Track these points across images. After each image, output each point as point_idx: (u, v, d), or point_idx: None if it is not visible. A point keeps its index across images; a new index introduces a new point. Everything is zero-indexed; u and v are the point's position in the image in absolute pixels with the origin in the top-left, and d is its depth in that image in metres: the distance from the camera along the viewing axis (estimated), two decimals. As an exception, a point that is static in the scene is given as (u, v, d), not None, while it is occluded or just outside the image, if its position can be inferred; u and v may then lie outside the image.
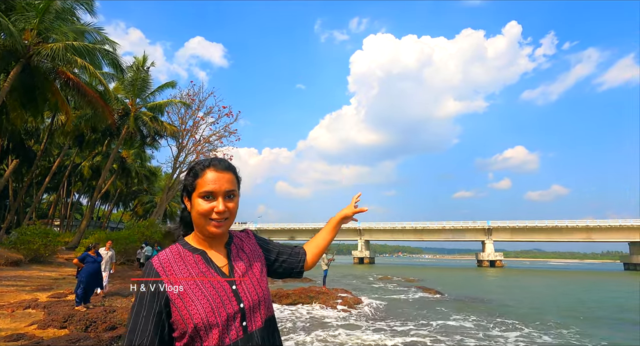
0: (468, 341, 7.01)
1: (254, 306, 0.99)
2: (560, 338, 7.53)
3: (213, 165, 1.02)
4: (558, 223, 52.12)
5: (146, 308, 0.91)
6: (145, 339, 0.89)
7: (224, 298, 0.95)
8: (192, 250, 1.02)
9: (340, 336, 7.04)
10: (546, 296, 16.48)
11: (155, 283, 0.93)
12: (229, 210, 1.00)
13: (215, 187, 0.98)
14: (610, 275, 39.47)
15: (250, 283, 1.02)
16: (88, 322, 6.01)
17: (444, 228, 57.60)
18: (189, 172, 1.04)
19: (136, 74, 19.67)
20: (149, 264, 0.97)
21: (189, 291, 0.93)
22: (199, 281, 0.96)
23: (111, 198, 37.92)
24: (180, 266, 0.97)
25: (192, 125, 23.30)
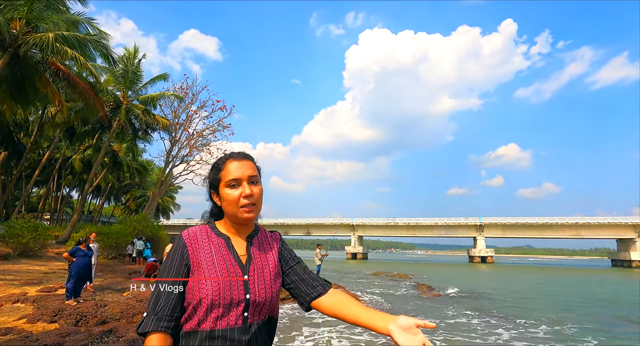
0: (462, 337, 7.08)
1: (259, 302, 1.01)
2: (553, 333, 7.65)
3: (232, 156, 1.11)
4: (548, 220, 52.86)
5: (172, 274, 1.00)
6: (171, 301, 0.97)
7: (233, 283, 0.99)
8: (218, 234, 1.09)
9: (331, 333, 7.07)
10: (536, 291, 16.73)
11: (182, 251, 1.02)
12: (255, 194, 1.06)
13: (238, 173, 1.06)
14: (598, 272, 40.24)
15: (262, 281, 1.04)
16: (78, 316, 5.93)
17: (436, 225, 58.07)
18: (211, 169, 1.12)
19: (127, 65, 19.35)
20: (179, 236, 1.06)
21: (204, 266, 1.00)
22: (216, 261, 1.02)
23: (102, 192, 37.49)
24: (205, 243, 1.05)
25: (185, 118, 23.09)
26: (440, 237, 61.74)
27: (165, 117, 22.20)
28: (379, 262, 48.98)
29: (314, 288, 1.08)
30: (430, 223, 58.09)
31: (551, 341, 6.86)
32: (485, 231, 55.45)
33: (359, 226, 61.10)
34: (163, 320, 0.95)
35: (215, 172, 1.10)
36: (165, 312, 0.96)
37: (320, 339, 6.43)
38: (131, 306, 6.99)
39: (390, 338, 0.89)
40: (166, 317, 0.95)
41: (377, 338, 6.51)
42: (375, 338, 6.48)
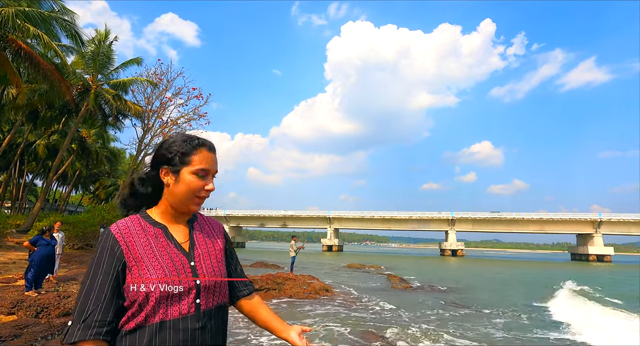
0: (433, 327, 7.32)
1: (209, 286, 0.99)
2: (513, 322, 8.06)
3: (205, 144, 1.03)
4: (515, 216, 55.31)
5: (102, 274, 0.89)
6: (101, 305, 0.87)
7: (180, 271, 0.95)
8: (153, 224, 1.01)
9: (304, 324, 7.13)
10: (501, 282, 17.52)
11: (112, 248, 0.92)
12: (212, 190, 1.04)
13: (210, 166, 1.01)
14: (558, 264, 42.63)
15: (209, 265, 1.02)
16: (39, 308, 5.69)
17: (410, 218, 59.47)
18: (176, 145, 1.01)
19: (97, 48, 18.41)
20: (107, 231, 0.95)
21: (145, 260, 0.93)
22: (157, 252, 0.95)
23: (69, 180, 35.79)
24: (140, 236, 0.96)
25: (159, 106, 22.34)
26: (413, 230, 63.33)
27: (138, 104, 21.37)
28: (354, 254, 49.74)
29: (246, 287, 1.18)
30: (405, 216, 59.44)
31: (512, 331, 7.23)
32: (457, 225, 57.37)
33: (335, 219, 61.66)
34: (92, 326, 0.85)
35: (184, 152, 0.99)
36: (95, 317, 0.86)
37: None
38: (97, 297, 6.78)
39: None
40: (96, 323, 0.85)
41: (353, 326, 6.63)
42: (354, 326, 6.61)
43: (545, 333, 7.05)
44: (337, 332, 6.32)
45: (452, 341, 6.05)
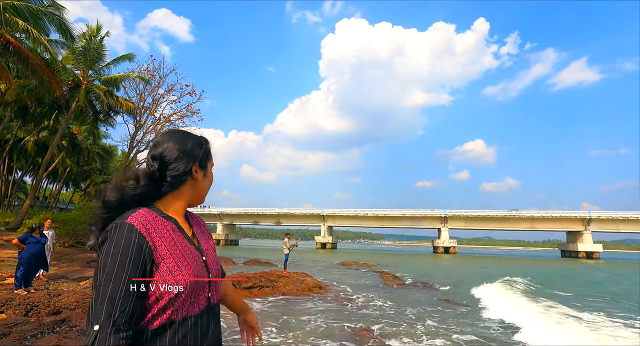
0: (424, 325, 7.39)
1: (216, 277, 1.03)
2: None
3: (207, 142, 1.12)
4: (507, 213, 55.96)
5: (129, 273, 0.82)
6: (128, 307, 0.81)
7: (200, 266, 0.96)
8: (167, 218, 0.97)
9: (296, 322, 7.15)
10: (487, 277, 17.71)
11: (140, 245, 0.85)
12: None
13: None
14: (549, 261, 43.26)
15: (212, 257, 1.05)
16: (29, 306, 5.62)
17: (403, 216, 59.83)
18: (202, 143, 1.07)
19: (88, 43, 18.13)
20: (125, 225, 0.86)
21: (173, 256, 0.90)
22: (180, 248, 0.94)
23: (60, 177, 35.30)
24: (161, 229, 0.92)
25: (152, 102, 22.13)
26: (407, 227, 63.77)
27: (130, 100, 21.13)
28: (348, 252, 49.91)
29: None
30: (398, 214, 59.78)
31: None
32: (449, 223, 57.88)
33: (329, 216, 61.78)
34: (122, 330, 0.79)
35: (208, 149, 1.09)
36: (124, 319, 0.80)
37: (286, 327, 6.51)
38: (88, 295, 6.72)
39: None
40: (125, 326, 0.80)
41: (350, 322, 6.67)
42: (351, 322, 6.64)
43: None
44: (329, 329, 6.35)
45: (446, 336, 6.12)
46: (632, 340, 6.37)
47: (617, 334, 6.70)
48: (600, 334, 6.62)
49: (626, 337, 6.51)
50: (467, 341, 6.00)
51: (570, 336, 6.29)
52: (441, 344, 5.75)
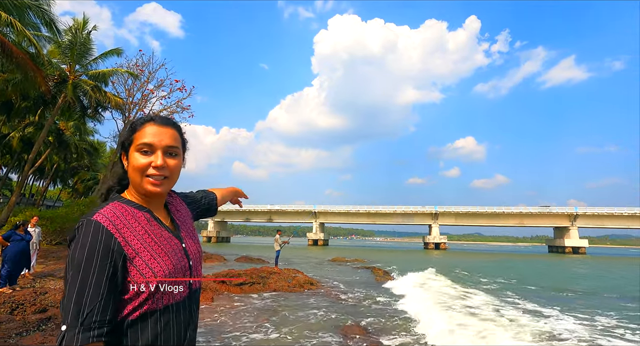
0: (414, 321, 7.48)
1: (196, 264, 1.01)
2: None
3: (154, 119, 0.97)
4: (496, 210, 56.79)
5: (96, 272, 0.79)
6: (99, 304, 0.78)
7: (179, 255, 0.95)
8: (139, 208, 0.94)
9: (290, 317, 7.17)
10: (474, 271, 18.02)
11: (106, 241, 0.82)
12: (169, 167, 0.95)
13: (154, 139, 0.93)
14: (536, 256, 44.08)
15: (191, 241, 1.03)
16: (14, 305, 5.54)
17: (395, 213, 60.27)
18: (128, 127, 0.99)
19: (75, 37, 17.75)
20: (92, 223, 0.84)
21: (148, 248, 0.88)
22: (156, 239, 0.92)
23: (47, 174, 34.67)
24: (132, 223, 0.89)
25: (141, 98, 21.80)
26: (398, 224, 64.25)
27: (118, 95, 20.79)
28: (339, 248, 50.12)
29: (209, 195, 1.34)
30: (389, 211, 60.19)
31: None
32: (440, 219, 58.48)
33: (321, 213, 61.90)
34: (92, 328, 0.77)
35: (130, 131, 0.97)
36: (94, 318, 0.77)
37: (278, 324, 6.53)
38: (75, 293, 6.65)
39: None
40: (96, 324, 0.77)
41: (343, 318, 6.71)
42: (343, 319, 6.69)
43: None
44: (320, 324, 6.39)
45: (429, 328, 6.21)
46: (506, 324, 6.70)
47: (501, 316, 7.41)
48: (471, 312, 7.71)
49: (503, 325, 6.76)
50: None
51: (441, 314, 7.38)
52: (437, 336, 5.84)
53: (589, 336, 6.35)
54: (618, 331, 6.82)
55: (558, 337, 6.12)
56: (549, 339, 5.97)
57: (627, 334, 6.67)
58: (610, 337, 6.34)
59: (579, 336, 6.29)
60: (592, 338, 6.20)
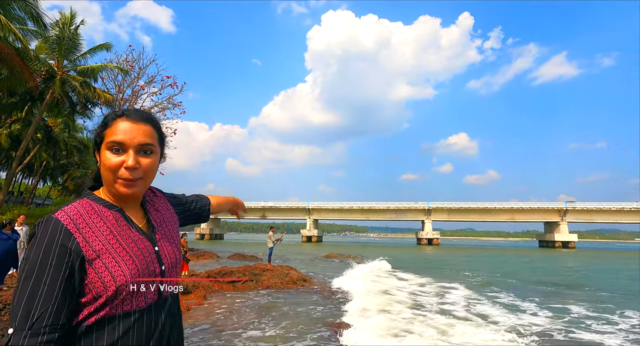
0: (401, 309, 7.53)
1: (171, 268, 0.95)
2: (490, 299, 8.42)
3: (126, 114, 0.89)
4: (488, 205, 57.41)
5: (51, 272, 0.75)
6: (50, 307, 0.73)
7: (147, 259, 0.88)
8: (109, 206, 0.89)
9: (289, 314, 7.17)
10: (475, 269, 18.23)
11: (63, 241, 0.78)
12: (143, 167, 0.87)
13: (125, 137, 0.86)
14: (526, 251, 44.72)
15: (168, 244, 0.97)
16: (1, 305, 5.45)
17: (388, 209, 60.60)
18: (101, 121, 0.92)
19: (62, 32, 17.39)
20: (51, 220, 0.79)
21: (110, 250, 0.82)
22: (122, 240, 0.85)
23: (36, 171, 34.09)
24: (96, 222, 0.84)
25: (131, 94, 21.49)
26: (391, 220, 64.63)
27: (108, 91, 20.46)
28: (333, 245, 50.28)
29: (202, 200, 1.27)
30: (383, 207, 60.51)
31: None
32: (433, 215, 58.96)
33: (314, 210, 61.96)
34: (42, 333, 0.72)
35: (101, 126, 0.90)
36: (45, 322, 0.72)
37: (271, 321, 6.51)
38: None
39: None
40: (46, 329, 0.72)
41: (334, 313, 6.73)
42: (335, 314, 6.70)
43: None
44: (311, 321, 6.40)
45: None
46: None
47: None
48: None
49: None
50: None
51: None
52: (423, 330, 5.88)
53: (539, 328, 6.47)
54: (587, 322, 7.06)
55: (517, 329, 6.28)
56: (511, 331, 6.11)
57: (593, 324, 6.91)
58: (575, 329, 6.54)
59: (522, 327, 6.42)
60: (544, 331, 6.33)
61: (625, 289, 12.07)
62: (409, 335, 5.65)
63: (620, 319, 7.41)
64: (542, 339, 5.79)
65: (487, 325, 6.50)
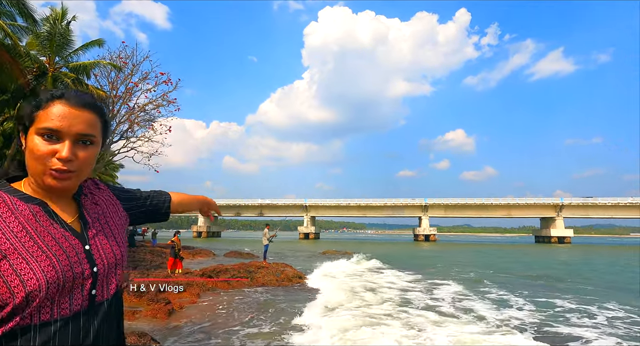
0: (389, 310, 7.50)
1: (109, 270, 0.81)
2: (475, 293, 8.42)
3: (66, 97, 0.76)
4: (484, 201, 57.61)
5: None
6: None
7: (73, 259, 0.74)
8: (26, 199, 0.75)
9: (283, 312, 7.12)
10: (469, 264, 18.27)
11: None
12: (79, 160, 0.75)
13: (62, 124, 0.73)
14: (523, 246, 44.95)
15: (106, 242, 0.83)
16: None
17: (385, 205, 60.69)
18: (33, 101, 0.78)
19: (53, 28, 17.16)
20: None
21: (21, 250, 0.69)
22: (37, 237, 0.72)
23: (30, 169, 33.78)
24: (6, 218, 0.71)
25: (125, 91, 21.29)
26: (388, 216, 64.78)
27: (101, 89, 20.25)
28: (330, 242, 50.33)
29: (161, 196, 1.10)
30: (380, 203, 60.59)
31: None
32: (430, 211, 59.11)
33: (312, 207, 61.95)
34: None
35: (34, 106, 0.76)
36: None
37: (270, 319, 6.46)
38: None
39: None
40: None
41: (324, 314, 6.69)
42: (327, 315, 6.66)
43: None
44: (304, 319, 6.36)
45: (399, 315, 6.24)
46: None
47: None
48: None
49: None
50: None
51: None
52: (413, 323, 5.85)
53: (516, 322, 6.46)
54: (567, 316, 7.15)
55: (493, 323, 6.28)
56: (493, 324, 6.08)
57: (573, 318, 6.99)
58: (553, 322, 6.60)
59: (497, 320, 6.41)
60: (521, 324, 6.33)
61: (611, 282, 12.28)
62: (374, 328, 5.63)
63: (599, 311, 7.57)
64: (519, 332, 5.85)
65: (469, 320, 6.53)
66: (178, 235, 10.02)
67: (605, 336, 5.80)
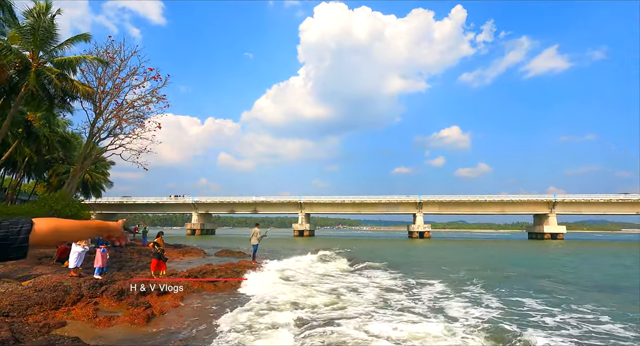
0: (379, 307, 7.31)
1: None
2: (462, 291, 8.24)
3: None
4: (479, 198, 57.73)
5: None
6: None
7: None
8: None
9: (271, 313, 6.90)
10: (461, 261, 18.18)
11: None
12: None
13: None
14: (515, 243, 45.16)
15: None
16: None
17: (380, 202, 60.60)
18: None
19: (37, 21, 16.64)
20: None
21: None
22: None
23: (19, 167, 33.12)
24: None
25: (112, 87, 20.84)
26: (383, 213, 64.71)
27: (88, 84, 19.79)
28: (325, 239, 50.21)
29: (18, 225, 0.84)
30: (375, 201, 60.48)
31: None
32: (424, 208, 59.13)
33: (306, 204, 61.70)
34: None
35: None
36: None
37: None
38: (26, 297, 6.19)
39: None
40: None
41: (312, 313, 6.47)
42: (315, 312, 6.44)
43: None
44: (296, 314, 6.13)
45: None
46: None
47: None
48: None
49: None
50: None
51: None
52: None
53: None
54: (532, 314, 7.06)
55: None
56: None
57: (545, 317, 6.87)
58: (510, 322, 6.42)
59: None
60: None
61: (596, 281, 12.24)
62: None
63: (564, 312, 7.39)
64: (477, 331, 5.75)
65: (435, 321, 6.42)
66: (162, 236, 9.73)
67: (555, 337, 5.61)
